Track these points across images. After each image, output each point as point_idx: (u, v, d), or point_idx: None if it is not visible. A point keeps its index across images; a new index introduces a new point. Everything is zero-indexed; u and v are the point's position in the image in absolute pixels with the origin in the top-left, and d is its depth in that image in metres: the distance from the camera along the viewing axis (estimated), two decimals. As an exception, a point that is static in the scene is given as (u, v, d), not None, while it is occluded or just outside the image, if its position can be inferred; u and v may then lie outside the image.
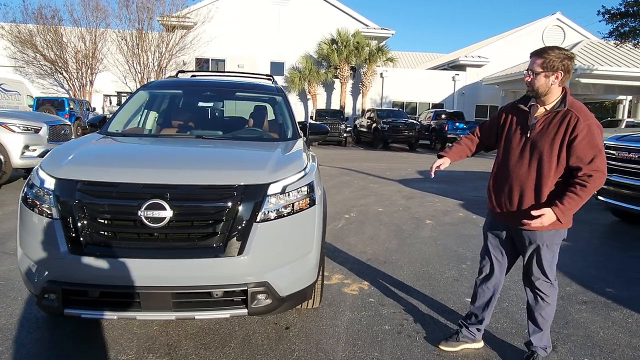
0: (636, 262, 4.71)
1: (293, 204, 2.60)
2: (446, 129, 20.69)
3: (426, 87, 29.25)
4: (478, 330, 2.82)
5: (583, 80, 22.59)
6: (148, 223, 2.32)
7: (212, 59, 27.18)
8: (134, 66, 24.82)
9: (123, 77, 25.29)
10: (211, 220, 2.41)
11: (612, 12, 12.63)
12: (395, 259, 4.51)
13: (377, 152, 18.54)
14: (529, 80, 2.43)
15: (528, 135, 2.46)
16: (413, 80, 29.30)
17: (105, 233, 2.38)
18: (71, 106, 20.02)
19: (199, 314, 2.45)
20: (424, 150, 21.05)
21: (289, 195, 2.59)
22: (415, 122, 21.20)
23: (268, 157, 2.90)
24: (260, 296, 2.47)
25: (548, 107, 2.43)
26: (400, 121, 20.56)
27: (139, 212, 2.31)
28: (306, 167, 2.87)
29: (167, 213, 2.32)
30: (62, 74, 24.72)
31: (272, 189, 2.54)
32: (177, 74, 4.79)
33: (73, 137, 8.74)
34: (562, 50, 2.39)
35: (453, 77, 29.28)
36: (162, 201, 2.33)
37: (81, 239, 2.34)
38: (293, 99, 26.68)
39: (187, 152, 3.16)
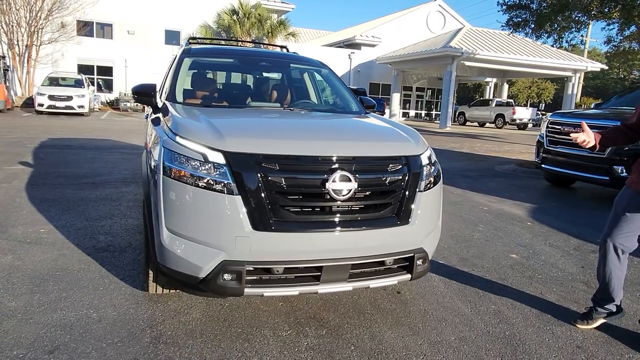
0: (590, 213, 5.71)
1: (434, 174, 2.76)
2: (353, 105, 21.57)
3: (324, 63, 29.87)
4: (616, 305, 2.82)
5: (467, 64, 25.24)
6: (335, 195, 2.29)
7: (97, 22, 24.38)
8: (-1, 25, 21.18)
9: (-16, 38, 21.45)
10: (387, 190, 2.46)
11: (508, 3, 14.40)
12: (422, 226, 4.85)
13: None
14: None
15: None
16: (312, 56, 29.65)
17: (290, 207, 2.29)
18: None
19: (372, 282, 2.50)
20: (332, 125, 21.72)
21: (432, 166, 2.74)
22: (323, 98, 21.67)
23: (395, 130, 2.97)
24: (419, 261, 2.60)
25: None
26: (311, 97, 20.85)
27: (327, 185, 2.27)
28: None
29: (352, 185, 2.32)
30: None
31: (423, 160, 2.66)
32: (188, 41, 4.41)
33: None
34: None
35: (349, 55, 30.38)
36: (348, 173, 2.31)
37: (266, 215, 2.22)
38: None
39: (328, 124, 3.18)
